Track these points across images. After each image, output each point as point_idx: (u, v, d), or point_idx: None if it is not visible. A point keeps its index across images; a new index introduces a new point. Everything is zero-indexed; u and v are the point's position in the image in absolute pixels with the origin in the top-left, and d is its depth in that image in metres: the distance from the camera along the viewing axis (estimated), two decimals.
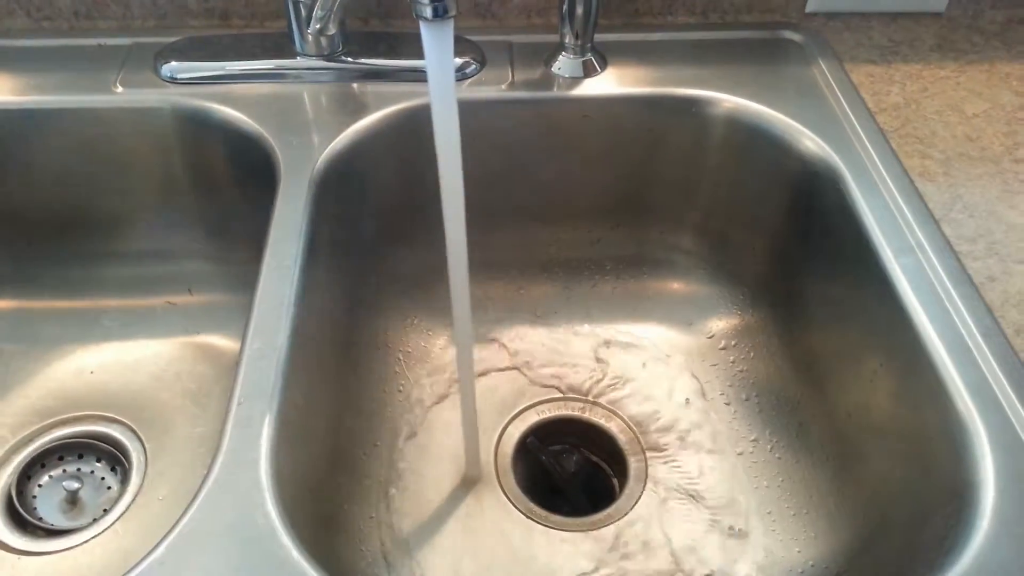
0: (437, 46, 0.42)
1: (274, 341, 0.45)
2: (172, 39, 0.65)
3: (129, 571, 0.36)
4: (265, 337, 0.45)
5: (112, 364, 0.66)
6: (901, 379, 0.48)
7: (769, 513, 0.57)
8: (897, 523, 0.47)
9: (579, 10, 0.62)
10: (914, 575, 0.41)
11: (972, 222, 0.53)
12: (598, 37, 0.64)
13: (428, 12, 0.41)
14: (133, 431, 0.63)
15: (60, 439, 0.63)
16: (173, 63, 0.62)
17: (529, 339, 0.68)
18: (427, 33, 0.41)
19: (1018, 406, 0.42)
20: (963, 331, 0.46)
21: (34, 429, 0.63)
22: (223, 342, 0.67)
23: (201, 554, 0.36)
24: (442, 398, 0.65)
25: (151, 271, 0.68)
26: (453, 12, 0.41)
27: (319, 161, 0.57)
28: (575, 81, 0.64)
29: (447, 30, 0.42)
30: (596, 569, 0.55)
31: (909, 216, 0.52)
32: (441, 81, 0.42)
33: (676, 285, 0.69)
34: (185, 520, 0.37)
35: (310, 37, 0.62)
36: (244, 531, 0.37)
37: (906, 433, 0.47)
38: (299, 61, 0.63)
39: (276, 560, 0.36)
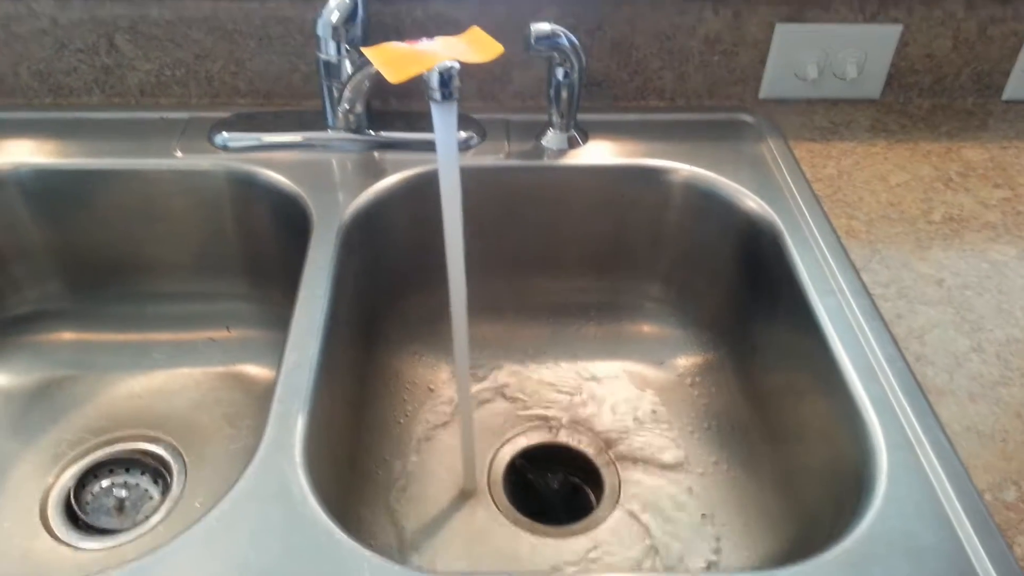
0: (444, 123, 0.53)
1: (307, 355, 0.55)
2: (224, 114, 0.77)
3: (191, 525, 0.45)
4: (300, 352, 0.56)
5: (158, 390, 0.76)
6: (823, 399, 0.58)
7: (724, 524, 0.66)
8: (822, 519, 0.56)
9: (564, 94, 0.74)
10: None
11: (887, 271, 0.63)
12: (582, 116, 0.76)
13: (437, 96, 0.52)
14: (175, 448, 0.72)
15: (111, 454, 0.72)
16: (225, 134, 0.74)
17: (521, 374, 0.78)
18: (436, 112, 0.53)
19: (911, 415, 0.52)
20: (871, 358, 0.56)
21: (89, 444, 0.72)
22: (257, 372, 0.77)
23: (249, 514, 0.46)
24: (442, 424, 0.74)
25: (195, 309, 0.79)
26: (456, 96, 0.53)
27: (346, 215, 0.68)
28: (561, 153, 0.75)
29: (452, 110, 0.53)
30: (573, 567, 0.64)
31: (834, 266, 0.63)
32: (447, 150, 0.54)
33: (647, 328, 0.80)
34: (235, 489, 0.47)
35: (340, 114, 0.74)
36: (283, 498, 0.47)
37: (827, 443, 0.57)
38: (330, 134, 0.75)
39: (309, 521, 0.46)
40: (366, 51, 0.52)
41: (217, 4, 0.74)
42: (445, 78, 0.51)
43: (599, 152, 0.75)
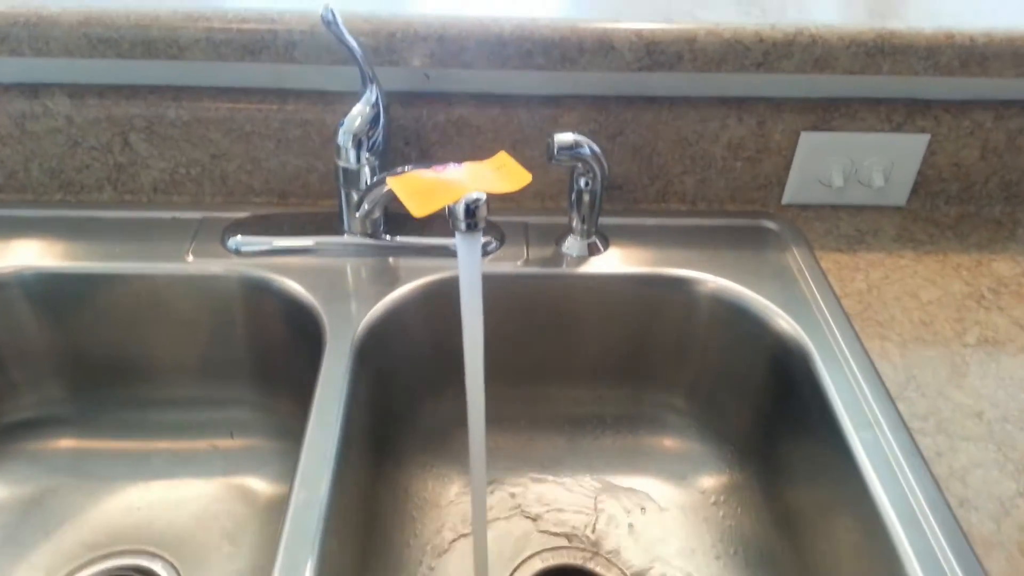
0: (468, 252, 0.51)
1: (317, 492, 0.52)
2: (238, 214, 0.76)
3: None
4: (309, 488, 0.53)
5: (157, 502, 0.72)
6: (862, 542, 0.54)
7: None
8: None
9: (585, 199, 0.72)
10: None
11: (924, 401, 0.60)
12: (601, 220, 0.74)
13: (463, 227, 0.51)
14: (173, 566, 0.69)
15: (107, 571, 0.68)
16: (238, 237, 0.72)
17: (536, 488, 0.75)
18: (461, 242, 0.51)
19: (957, 569, 0.49)
20: (913, 502, 0.53)
21: (84, 561, 0.69)
22: (259, 484, 0.74)
23: None
24: (453, 544, 0.71)
25: (199, 416, 0.76)
26: (481, 227, 0.51)
27: (359, 328, 0.65)
28: (581, 260, 0.73)
29: (477, 240, 0.51)
30: None
31: (868, 394, 0.60)
32: (470, 280, 0.52)
33: (669, 442, 0.77)
34: None
35: (357, 219, 0.72)
36: None
37: None
38: (345, 238, 0.73)
39: None
40: (391, 182, 0.51)
41: (235, 106, 0.73)
42: (471, 209, 0.50)
43: (620, 259, 0.73)
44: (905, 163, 0.78)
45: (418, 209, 0.49)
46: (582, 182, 0.71)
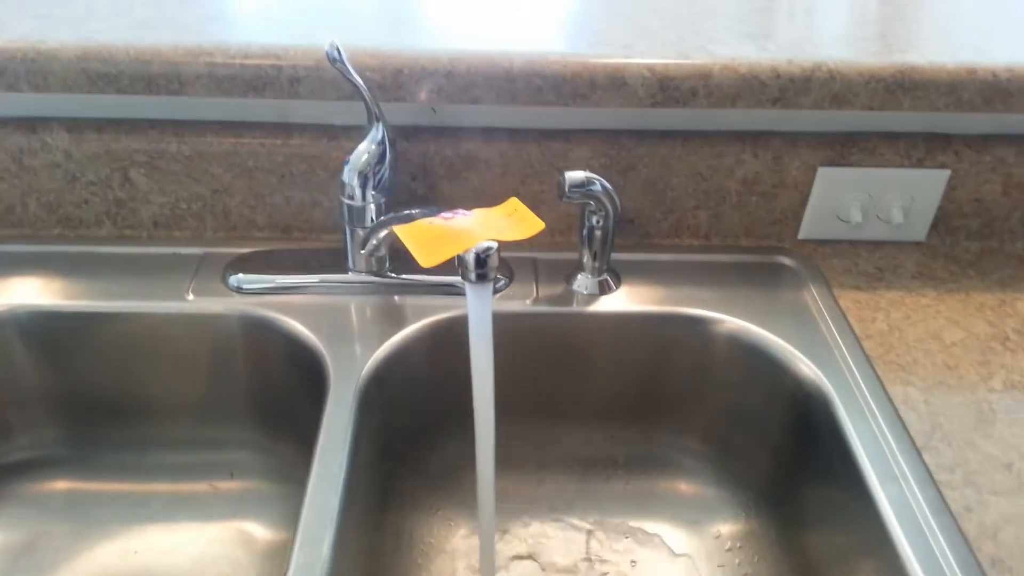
0: (478, 303, 0.49)
1: (319, 552, 0.50)
2: (240, 250, 0.74)
3: None
4: (311, 548, 0.50)
5: (155, 546, 0.70)
6: None
7: None
8: None
9: (597, 235, 0.70)
10: None
11: (950, 451, 0.58)
12: (613, 255, 0.72)
13: (472, 277, 0.49)
14: None
15: None
16: (240, 275, 0.70)
17: (546, 532, 0.73)
18: (471, 292, 0.49)
19: None
20: (942, 562, 0.50)
21: None
22: (259, 530, 0.71)
23: None
24: None
25: (197, 458, 0.74)
26: (492, 277, 0.49)
27: (364, 370, 0.63)
28: (592, 298, 0.71)
29: (487, 290, 0.49)
30: None
31: (893, 444, 0.58)
32: (480, 331, 0.50)
33: (683, 486, 0.74)
34: None
35: (362, 255, 0.70)
36: None
37: None
38: (350, 276, 0.71)
39: None
40: (398, 231, 0.49)
41: (238, 141, 0.72)
42: (482, 259, 0.48)
43: (633, 297, 0.71)
44: (925, 198, 0.76)
45: (426, 259, 0.47)
46: (594, 220, 0.69)
